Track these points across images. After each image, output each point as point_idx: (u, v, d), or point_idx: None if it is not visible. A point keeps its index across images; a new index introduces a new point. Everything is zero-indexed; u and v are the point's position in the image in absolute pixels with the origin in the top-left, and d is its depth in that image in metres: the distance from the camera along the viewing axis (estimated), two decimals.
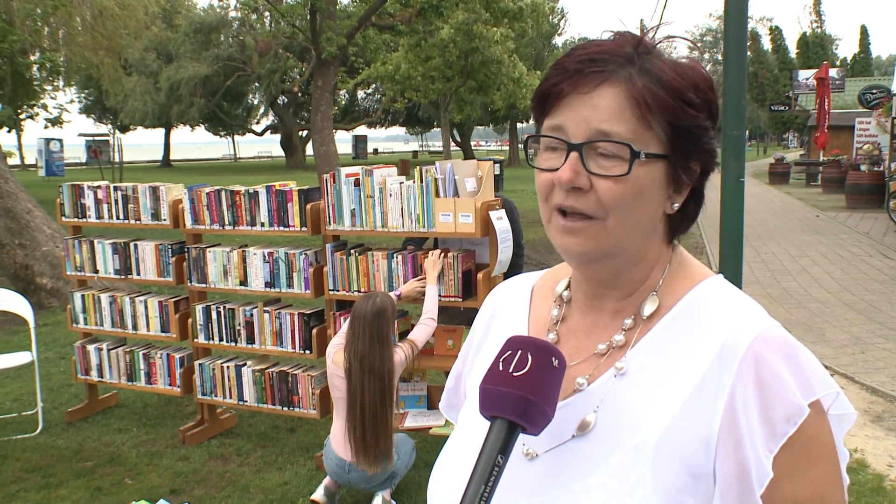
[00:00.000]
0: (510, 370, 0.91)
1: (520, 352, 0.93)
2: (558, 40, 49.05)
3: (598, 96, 0.94)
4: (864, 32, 55.36)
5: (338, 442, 3.96)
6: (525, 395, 0.89)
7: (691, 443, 0.92)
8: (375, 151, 74.40)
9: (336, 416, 4.03)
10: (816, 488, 0.91)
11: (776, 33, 54.48)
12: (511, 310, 1.21)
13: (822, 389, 0.93)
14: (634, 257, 1.02)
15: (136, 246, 5.07)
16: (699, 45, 79.93)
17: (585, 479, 0.95)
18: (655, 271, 1.05)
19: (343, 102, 50.93)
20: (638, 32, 1.02)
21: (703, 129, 0.97)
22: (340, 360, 3.89)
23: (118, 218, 5.08)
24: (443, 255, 4.19)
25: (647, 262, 1.04)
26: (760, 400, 0.91)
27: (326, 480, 4.18)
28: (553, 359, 0.93)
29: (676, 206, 1.01)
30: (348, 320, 3.92)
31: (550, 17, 38.01)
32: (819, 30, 56.46)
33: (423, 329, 4.05)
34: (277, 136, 54.32)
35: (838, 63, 50.14)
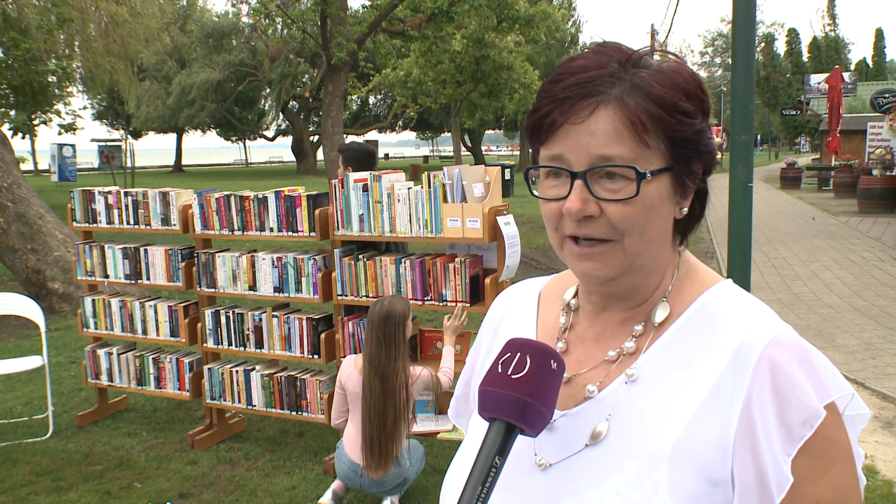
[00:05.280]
0: (508, 372, 0.91)
1: (518, 354, 0.93)
2: (573, 47, 48.95)
3: (594, 122, 0.93)
4: (879, 35, 55.05)
5: (351, 445, 3.97)
6: (522, 397, 0.89)
7: (707, 449, 0.92)
8: (386, 156, 74.57)
9: (351, 420, 4.04)
10: (837, 489, 0.91)
11: (792, 36, 54.24)
12: (519, 316, 1.20)
13: (837, 391, 0.93)
14: (650, 269, 1.02)
15: (146, 251, 5.10)
16: (710, 49, 79.68)
17: (600, 488, 0.94)
18: (665, 277, 1.05)
19: (354, 107, 51.06)
20: (648, 36, 1.01)
21: (700, 133, 0.97)
22: (360, 364, 3.93)
23: (128, 223, 5.11)
24: (464, 313, 4.23)
25: (660, 270, 1.04)
26: (776, 404, 0.91)
27: (335, 484, 4.19)
28: (552, 361, 0.93)
29: (685, 210, 1.01)
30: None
31: (567, 24, 37.89)
32: (833, 33, 56.18)
33: (444, 378, 4.12)
34: (289, 141, 54.50)
35: (852, 67, 49.88)
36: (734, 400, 0.93)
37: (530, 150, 1.05)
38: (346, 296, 4.51)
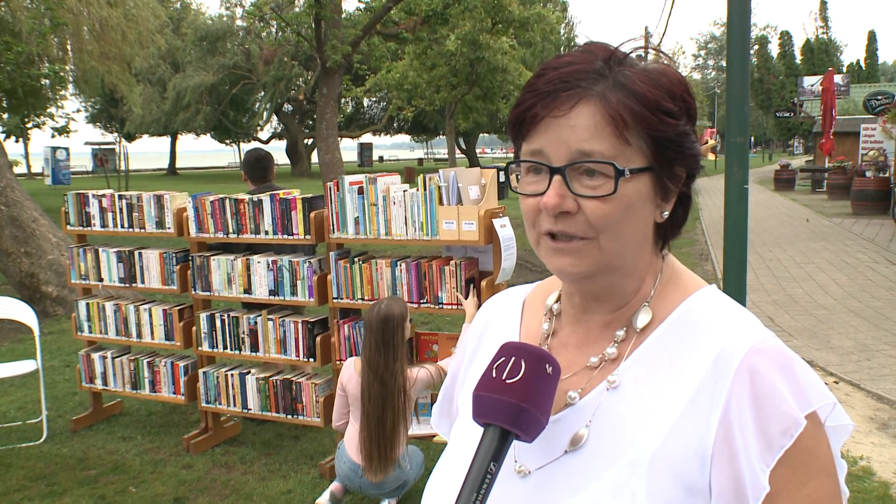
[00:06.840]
0: (503, 377, 0.90)
1: (513, 358, 0.92)
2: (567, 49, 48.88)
3: (575, 116, 0.92)
4: (871, 38, 55.36)
5: (352, 446, 3.96)
6: (518, 402, 0.88)
7: (686, 457, 0.91)
8: (381, 159, 74.47)
9: (352, 421, 4.03)
10: (814, 502, 0.89)
11: (785, 38, 54.47)
12: (502, 323, 1.19)
13: (819, 401, 0.91)
14: (627, 271, 1.01)
15: (140, 254, 5.08)
16: (703, 51, 79.97)
17: (579, 496, 0.93)
18: (647, 282, 1.03)
19: (348, 110, 51.02)
20: (641, 39, 1.01)
21: (684, 135, 0.96)
22: (360, 366, 3.91)
23: (123, 226, 5.09)
24: (474, 293, 4.17)
25: (639, 273, 1.02)
26: (756, 413, 0.89)
27: (333, 486, 4.18)
28: (547, 365, 0.92)
29: (666, 214, 1.00)
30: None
31: (561, 25, 37.91)
32: (825, 35, 56.45)
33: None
34: (283, 144, 54.39)
35: (845, 69, 50.12)
36: (713, 408, 0.91)
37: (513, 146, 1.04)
38: (342, 299, 4.50)
